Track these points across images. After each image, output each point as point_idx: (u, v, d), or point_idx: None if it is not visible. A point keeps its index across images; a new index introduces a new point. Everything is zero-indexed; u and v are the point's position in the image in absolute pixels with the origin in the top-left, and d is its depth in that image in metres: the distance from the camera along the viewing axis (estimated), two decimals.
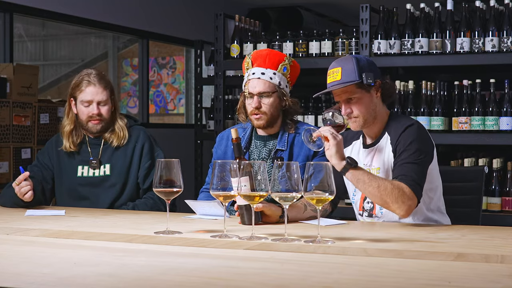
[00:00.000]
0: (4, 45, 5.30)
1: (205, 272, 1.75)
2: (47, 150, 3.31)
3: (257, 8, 8.01)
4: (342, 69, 2.67)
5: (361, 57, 2.73)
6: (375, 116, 2.73)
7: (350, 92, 2.69)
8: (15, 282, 1.65)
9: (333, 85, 2.69)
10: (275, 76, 3.01)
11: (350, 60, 2.69)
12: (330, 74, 2.71)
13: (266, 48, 3.16)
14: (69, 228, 2.50)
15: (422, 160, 2.62)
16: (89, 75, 3.21)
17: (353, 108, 2.69)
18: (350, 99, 2.69)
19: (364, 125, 2.73)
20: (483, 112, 4.07)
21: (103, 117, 3.20)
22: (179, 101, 9.05)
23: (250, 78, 3.02)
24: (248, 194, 2.25)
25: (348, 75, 2.67)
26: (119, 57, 9.24)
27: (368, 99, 2.70)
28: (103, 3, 6.23)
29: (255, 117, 3.02)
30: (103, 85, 3.20)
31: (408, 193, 2.52)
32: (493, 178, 4.10)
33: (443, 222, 2.76)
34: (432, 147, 2.72)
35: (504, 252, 2.01)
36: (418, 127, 2.68)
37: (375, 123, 2.75)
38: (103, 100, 3.19)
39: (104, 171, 3.23)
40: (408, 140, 2.64)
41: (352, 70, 2.67)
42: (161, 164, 2.35)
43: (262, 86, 3.00)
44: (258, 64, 3.03)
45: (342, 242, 2.19)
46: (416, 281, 1.66)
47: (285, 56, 3.06)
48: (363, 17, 4.40)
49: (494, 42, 4.05)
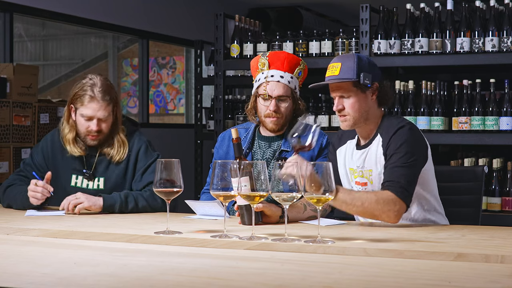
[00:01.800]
0: (4, 45, 5.31)
1: (205, 272, 1.75)
2: (42, 150, 3.21)
3: (257, 8, 8.01)
4: (341, 65, 2.67)
5: (364, 57, 2.72)
6: (366, 118, 2.71)
7: (345, 89, 2.68)
8: (15, 282, 1.65)
9: (330, 79, 2.68)
10: (292, 80, 3.01)
11: (352, 58, 2.68)
12: (330, 68, 2.70)
13: (283, 51, 3.14)
14: (69, 228, 2.50)
15: (411, 163, 2.59)
16: (93, 88, 3.05)
17: (345, 105, 2.68)
18: (343, 96, 2.69)
19: (353, 125, 2.71)
20: (483, 112, 4.07)
21: (102, 132, 3.10)
22: (179, 101, 9.05)
23: (269, 80, 3.00)
24: (248, 194, 2.25)
25: (346, 71, 2.66)
26: (119, 57, 9.24)
27: (362, 99, 2.69)
28: (103, 3, 6.23)
29: (270, 120, 3.01)
30: (106, 101, 3.05)
31: (394, 200, 2.50)
32: (493, 178, 4.10)
33: (441, 223, 2.75)
34: (425, 149, 2.69)
35: (504, 252, 2.01)
36: (409, 129, 2.65)
37: (367, 124, 2.73)
38: (105, 117, 3.07)
39: (98, 184, 3.15)
40: (398, 143, 2.62)
41: (351, 68, 2.66)
42: (161, 164, 2.34)
43: (282, 89, 2.99)
44: (276, 66, 3.01)
45: (342, 242, 2.19)
46: (416, 281, 1.66)
47: (300, 61, 3.06)
48: (363, 17, 4.40)
49: (494, 42, 4.05)
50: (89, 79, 3.09)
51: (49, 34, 9.39)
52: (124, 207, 2.96)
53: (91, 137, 3.09)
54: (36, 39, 9.17)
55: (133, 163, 3.15)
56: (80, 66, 9.54)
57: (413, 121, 4.17)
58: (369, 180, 2.72)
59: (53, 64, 9.64)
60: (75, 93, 3.08)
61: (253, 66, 3.10)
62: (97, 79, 3.09)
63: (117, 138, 3.14)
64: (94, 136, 3.09)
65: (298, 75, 3.03)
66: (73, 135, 3.13)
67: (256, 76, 3.07)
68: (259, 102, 3.04)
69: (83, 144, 3.14)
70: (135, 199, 2.99)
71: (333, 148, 2.90)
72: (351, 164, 2.78)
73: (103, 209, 2.95)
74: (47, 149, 3.21)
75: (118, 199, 2.96)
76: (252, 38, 4.96)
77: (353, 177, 2.78)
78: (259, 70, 3.05)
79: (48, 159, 3.20)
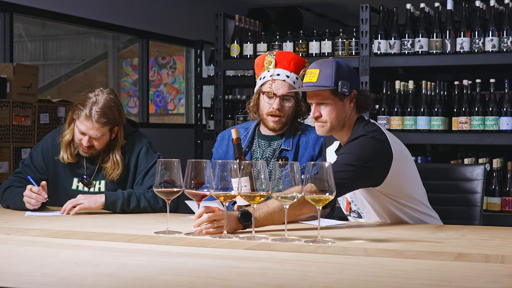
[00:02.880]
0: (4, 45, 5.31)
1: (205, 272, 1.75)
2: (42, 151, 3.20)
3: (257, 8, 8.01)
4: (320, 72, 2.62)
5: (343, 64, 2.67)
6: (343, 124, 2.68)
7: (322, 97, 2.65)
8: (15, 282, 1.64)
9: (307, 86, 2.65)
10: (297, 81, 3.03)
11: (330, 65, 2.63)
12: (308, 74, 2.66)
13: (290, 52, 3.14)
14: (69, 228, 2.50)
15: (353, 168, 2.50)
16: (92, 106, 3.00)
17: (322, 112, 2.65)
18: (321, 103, 2.66)
19: (329, 132, 2.68)
20: (483, 112, 4.07)
21: (94, 148, 3.07)
22: (179, 101, 9.05)
23: (275, 79, 3.01)
24: (248, 194, 2.25)
25: (324, 79, 2.62)
26: (119, 57, 9.24)
27: (339, 107, 2.66)
28: (103, 3, 6.23)
29: (273, 119, 3.02)
30: (101, 123, 3.00)
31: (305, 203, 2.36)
32: (493, 178, 4.10)
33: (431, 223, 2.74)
34: (385, 162, 2.59)
35: (504, 252, 2.01)
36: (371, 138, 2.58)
37: (344, 130, 2.70)
38: (97, 136, 3.03)
39: (99, 187, 3.15)
40: (351, 146, 2.58)
41: (329, 75, 2.61)
42: (161, 164, 2.35)
43: (287, 89, 3.00)
44: (283, 66, 3.02)
45: (342, 242, 2.19)
46: (416, 281, 1.66)
47: (306, 63, 3.07)
48: (363, 17, 4.40)
49: (494, 42, 4.05)
50: (95, 94, 3.05)
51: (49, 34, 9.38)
52: (126, 206, 2.96)
53: (82, 149, 3.08)
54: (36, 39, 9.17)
55: (133, 166, 3.15)
56: (80, 66, 9.53)
57: (413, 121, 4.18)
58: None
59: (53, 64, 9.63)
60: (77, 103, 3.06)
61: (258, 64, 3.11)
62: (101, 97, 3.03)
63: (113, 157, 3.11)
64: (85, 150, 3.08)
65: (302, 77, 3.04)
66: (69, 138, 3.11)
67: (261, 74, 3.07)
68: (262, 100, 3.04)
69: (76, 149, 3.12)
70: (137, 198, 2.99)
71: (324, 146, 2.93)
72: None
73: (105, 206, 2.94)
74: (47, 150, 3.20)
75: (121, 196, 2.96)
76: (252, 38, 4.96)
77: None
78: (265, 68, 3.06)
79: (48, 160, 3.20)
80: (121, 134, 3.12)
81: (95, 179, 3.16)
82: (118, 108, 3.08)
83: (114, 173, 3.11)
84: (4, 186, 3.15)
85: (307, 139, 3.06)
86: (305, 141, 3.06)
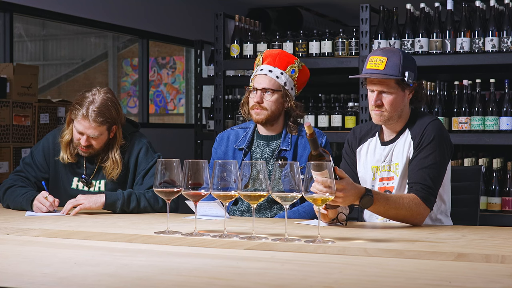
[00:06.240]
0: (4, 45, 5.31)
1: (205, 272, 1.75)
2: (44, 149, 3.20)
3: (257, 8, 8.01)
4: (387, 60, 2.63)
5: (407, 54, 2.70)
6: (400, 115, 2.71)
7: (387, 86, 2.66)
8: (15, 282, 1.65)
9: (374, 73, 2.64)
10: (282, 76, 3.06)
11: (397, 54, 2.65)
12: (373, 61, 2.65)
13: (278, 49, 3.18)
14: (69, 228, 2.50)
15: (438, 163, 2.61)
16: (89, 106, 3.00)
17: (384, 101, 2.66)
18: (384, 91, 2.66)
19: (387, 121, 2.70)
20: (483, 112, 4.08)
21: (92, 147, 3.07)
22: (179, 101, 9.05)
23: (257, 74, 3.09)
24: (249, 194, 2.22)
25: (392, 68, 2.63)
26: (119, 57, 9.25)
27: (400, 97, 2.68)
28: (103, 3, 6.23)
29: (255, 111, 3.08)
30: (98, 122, 3.00)
31: (422, 206, 2.54)
32: (493, 178, 4.10)
33: (446, 224, 2.75)
34: (451, 147, 2.72)
35: (504, 252, 2.01)
36: (440, 123, 2.70)
37: (399, 121, 2.73)
38: (95, 136, 3.03)
39: (99, 187, 3.15)
40: (432, 135, 2.64)
41: (397, 65, 2.63)
42: (161, 164, 2.35)
43: (268, 82, 3.06)
44: (268, 62, 3.09)
45: (342, 242, 2.19)
46: (417, 281, 1.66)
47: (295, 59, 3.12)
48: (363, 17, 4.40)
49: (494, 42, 4.05)
50: (92, 94, 3.05)
51: (49, 34, 9.39)
52: (126, 206, 2.96)
53: (81, 148, 3.08)
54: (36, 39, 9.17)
55: (133, 166, 3.15)
56: (80, 66, 9.54)
57: None
58: (396, 174, 2.72)
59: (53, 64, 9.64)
60: (75, 103, 3.06)
61: (254, 65, 3.19)
62: (98, 96, 3.04)
63: (112, 156, 3.10)
64: (84, 149, 3.08)
65: (291, 73, 3.07)
66: (69, 138, 3.11)
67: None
68: (250, 96, 3.12)
69: (75, 149, 3.12)
70: (137, 198, 2.99)
71: (350, 149, 2.88)
72: (374, 161, 2.77)
73: (105, 205, 2.95)
74: (49, 149, 3.20)
75: (121, 196, 2.96)
76: (252, 38, 4.96)
77: (377, 175, 2.76)
78: (255, 66, 3.16)
79: (49, 159, 3.20)
80: (119, 133, 3.12)
81: (95, 178, 3.16)
82: (115, 107, 3.08)
83: (114, 173, 3.11)
84: (5, 186, 3.14)
85: (306, 139, 3.07)
86: (303, 141, 3.08)
